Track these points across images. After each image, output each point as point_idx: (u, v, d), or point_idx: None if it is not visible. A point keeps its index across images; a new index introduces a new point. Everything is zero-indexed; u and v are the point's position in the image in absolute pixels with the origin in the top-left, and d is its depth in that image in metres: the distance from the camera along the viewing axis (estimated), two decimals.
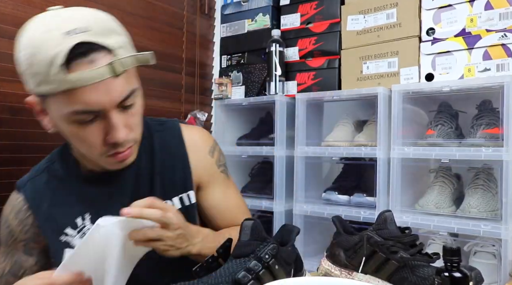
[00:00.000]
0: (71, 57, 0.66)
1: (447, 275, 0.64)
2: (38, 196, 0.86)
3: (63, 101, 0.69)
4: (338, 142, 1.48)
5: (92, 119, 0.72)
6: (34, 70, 0.68)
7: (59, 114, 0.72)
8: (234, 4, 1.86)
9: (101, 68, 0.68)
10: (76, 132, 0.73)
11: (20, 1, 1.21)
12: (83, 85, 0.67)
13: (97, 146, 0.75)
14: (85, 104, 0.69)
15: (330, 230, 0.94)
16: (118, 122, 0.73)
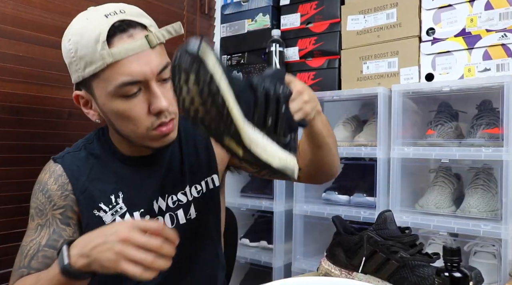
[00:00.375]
0: (113, 34, 0.77)
1: (447, 275, 0.64)
2: (76, 168, 0.89)
3: (109, 76, 0.77)
4: (338, 142, 1.48)
5: (135, 92, 0.79)
6: (81, 53, 0.78)
7: (105, 93, 0.79)
8: (234, 4, 1.86)
9: (139, 41, 0.78)
10: (122, 108, 0.80)
11: (20, 1, 1.21)
12: (125, 56, 0.76)
13: (142, 119, 0.81)
14: (129, 75, 0.77)
15: (330, 230, 0.94)
16: (159, 91, 0.80)
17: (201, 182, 0.98)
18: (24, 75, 1.22)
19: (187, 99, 0.60)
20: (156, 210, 0.92)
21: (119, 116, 0.82)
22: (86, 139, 0.95)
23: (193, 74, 0.58)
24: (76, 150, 0.92)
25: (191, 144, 0.99)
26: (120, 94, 0.79)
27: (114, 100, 0.80)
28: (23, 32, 1.22)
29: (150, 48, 0.79)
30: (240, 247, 1.33)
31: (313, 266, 1.45)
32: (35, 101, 1.24)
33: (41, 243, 0.84)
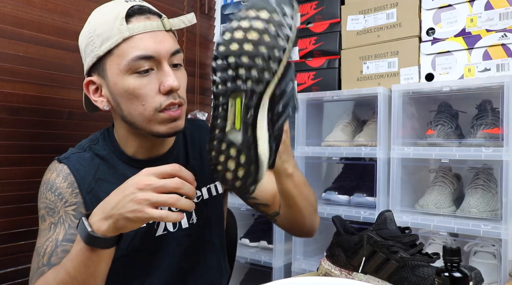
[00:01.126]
0: (131, 14, 0.82)
1: (447, 275, 0.64)
2: (82, 168, 0.88)
3: (124, 51, 0.81)
4: (338, 142, 1.48)
5: (147, 69, 0.81)
6: (99, 31, 0.82)
7: (118, 70, 0.82)
8: (234, 4, 1.86)
9: (155, 21, 0.83)
10: (133, 85, 0.81)
11: (20, 1, 1.21)
12: (141, 31, 0.81)
13: (152, 97, 0.82)
14: (144, 49, 0.80)
15: (330, 230, 0.94)
16: (171, 71, 0.83)
17: (203, 188, 0.98)
18: (24, 75, 1.22)
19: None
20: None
21: (129, 95, 0.82)
22: (90, 139, 0.95)
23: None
24: (81, 150, 0.92)
25: (196, 148, 0.99)
26: (132, 69, 0.81)
27: (126, 77, 0.81)
28: (23, 32, 1.22)
29: (165, 30, 0.84)
30: (240, 247, 1.34)
31: (313, 266, 1.45)
32: (35, 101, 1.24)
33: (58, 239, 0.82)
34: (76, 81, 1.33)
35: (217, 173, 0.66)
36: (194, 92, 1.84)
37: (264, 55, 0.60)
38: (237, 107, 0.63)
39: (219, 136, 0.64)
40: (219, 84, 0.63)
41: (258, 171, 0.65)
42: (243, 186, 0.66)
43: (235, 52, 0.61)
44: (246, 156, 0.64)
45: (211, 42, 1.94)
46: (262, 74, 0.61)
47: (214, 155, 0.66)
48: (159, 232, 0.91)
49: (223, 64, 0.62)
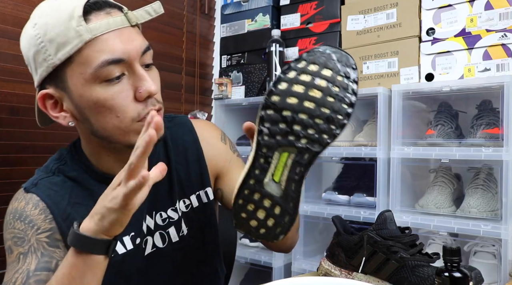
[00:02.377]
0: (88, 11, 0.68)
1: (447, 275, 0.64)
2: (54, 194, 0.77)
3: (88, 57, 0.68)
4: (338, 142, 1.48)
5: (118, 76, 0.70)
6: (51, 35, 0.68)
7: (82, 80, 0.69)
8: (234, 4, 1.86)
9: (118, 17, 0.70)
10: (103, 96, 0.69)
11: (20, 1, 1.21)
12: (105, 31, 0.68)
13: (128, 107, 0.71)
14: (111, 52, 0.68)
15: (330, 230, 0.94)
16: (145, 73, 0.71)
17: (191, 195, 0.88)
18: (24, 75, 1.22)
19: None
20: (144, 231, 0.82)
21: (100, 108, 0.70)
22: (57, 159, 0.82)
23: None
24: (49, 174, 0.80)
25: (180, 153, 0.89)
26: (101, 78, 0.69)
27: (94, 88, 0.69)
28: None
29: (131, 26, 0.71)
30: (240, 247, 1.34)
31: (313, 266, 1.45)
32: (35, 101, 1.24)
33: (29, 269, 0.71)
34: None
35: (239, 219, 0.64)
36: (194, 92, 1.84)
37: (328, 117, 0.59)
38: (282, 160, 0.61)
39: (254, 187, 0.61)
40: (265, 135, 0.59)
41: (292, 222, 0.63)
42: (270, 234, 0.64)
43: (293, 106, 0.58)
44: (282, 209, 0.62)
45: (211, 42, 1.94)
46: (321, 136, 0.59)
47: (241, 203, 0.63)
48: (147, 251, 0.83)
49: (276, 117, 0.59)
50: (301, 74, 0.59)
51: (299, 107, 0.58)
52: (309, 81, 0.59)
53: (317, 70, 0.59)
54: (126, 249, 0.80)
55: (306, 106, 0.58)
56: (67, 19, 0.67)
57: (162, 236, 0.85)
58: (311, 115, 0.58)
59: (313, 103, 0.58)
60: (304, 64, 0.60)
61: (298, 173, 0.60)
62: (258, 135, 0.60)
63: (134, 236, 0.81)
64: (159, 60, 1.62)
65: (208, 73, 1.93)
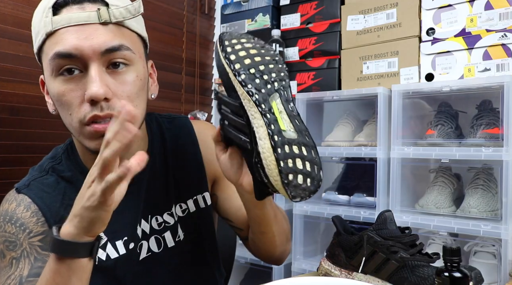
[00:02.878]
0: (64, 4, 0.68)
1: (447, 275, 0.64)
2: (47, 195, 0.75)
3: (48, 48, 0.68)
4: (338, 142, 1.48)
5: (72, 71, 0.68)
6: (33, 24, 0.71)
7: (47, 69, 0.70)
8: (234, 4, 1.86)
9: (87, 12, 0.67)
10: (58, 90, 0.68)
11: (20, 1, 1.21)
12: (65, 25, 0.67)
13: (76, 107, 0.68)
14: (62, 45, 0.66)
15: (330, 230, 0.94)
16: (97, 75, 0.67)
17: (188, 200, 0.86)
18: (24, 75, 1.22)
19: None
20: (139, 235, 0.80)
21: (60, 103, 0.69)
22: (53, 158, 0.81)
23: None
24: (43, 173, 0.78)
25: (179, 156, 0.86)
26: (55, 70, 0.68)
27: (54, 80, 0.69)
28: (23, 32, 1.22)
29: (100, 23, 0.68)
30: (240, 247, 1.33)
31: (313, 266, 1.45)
32: (35, 101, 1.24)
33: (22, 275, 0.69)
34: None
35: (290, 185, 0.61)
36: (194, 92, 1.84)
37: (273, 59, 0.71)
38: (275, 108, 0.65)
39: (282, 140, 0.62)
40: (255, 94, 0.66)
41: (318, 154, 0.66)
42: (315, 179, 0.63)
43: (252, 64, 0.69)
44: (306, 145, 0.64)
45: (211, 42, 1.94)
46: (280, 74, 0.70)
47: (283, 166, 0.61)
48: (142, 255, 0.81)
49: (249, 76, 0.67)
50: (234, 45, 0.71)
51: (254, 63, 0.69)
52: (242, 47, 0.71)
53: (238, 41, 0.73)
54: (119, 254, 0.78)
55: (257, 61, 0.69)
56: (42, 11, 0.69)
57: (157, 240, 0.83)
58: (265, 64, 0.69)
59: (259, 57, 0.70)
60: (228, 42, 0.72)
61: (292, 108, 0.67)
62: (251, 96, 0.65)
63: (127, 240, 0.79)
64: (159, 60, 1.61)
65: (208, 73, 1.93)
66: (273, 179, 0.61)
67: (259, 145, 0.62)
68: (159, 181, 0.84)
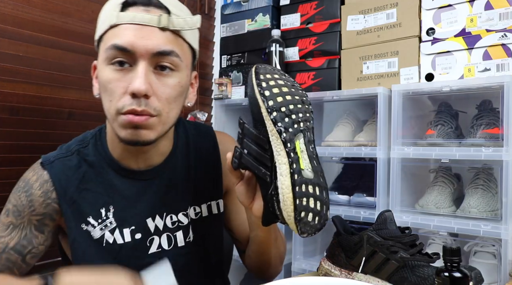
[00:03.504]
0: (132, 3, 0.75)
1: (447, 275, 0.64)
2: (65, 178, 0.81)
3: (108, 38, 0.75)
4: (338, 142, 1.48)
5: (122, 63, 0.74)
6: (101, 16, 0.78)
7: (102, 56, 0.76)
8: (234, 4, 1.86)
9: (150, 15, 0.74)
10: (106, 78, 0.75)
11: (20, 1, 1.21)
12: (128, 22, 0.74)
13: (117, 96, 0.74)
14: (121, 39, 0.73)
15: (330, 230, 0.94)
16: (143, 72, 0.73)
17: (203, 204, 0.91)
18: (24, 75, 1.22)
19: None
20: (151, 229, 0.85)
21: (103, 87, 0.76)
22: (81, 141, 0.87)
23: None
24: (68, 154, 0.84)
25: (200, 161, 0.91)
26: (108, 59, 0.74)
27: (104, 67, 0.75)
28: (23, 32, 1.22)
29: (158, 27, 0.74)
30: None
31: (313, 266, 1.45)
32: (35, 101, 1.24)
33: (8, 244, 0.79)
34: (76, 81, 1.33)
35: (302, 222, 0.66)
36: None
37: (301, 100, 0.73)
38: (298, 148, 0.69)
39: (301, 180, 0.66)
40: (284, 132, 0.69)
41: (328, 195, 0.71)
42: (322, 219, 0.68)
43: (283, 103, 0.71)
44: (320, 186, 0.68)
45: (211, 42, 1.94)
46: (306, 115, 0.72)
47: (299, 203, 0.66)
48: (152, 250, 0.85)
49: (281, 115, 0.70)
50: (268, 81, 0.73)
51: (286, 102, 0.71)
52: (275, 84, 0.73)
53: (271, 77, 0.74)
54: (124, 240, 0.83)
55: (288, 99, 0.71)
56: (112, 6, 0.76)
57: (169, 238, 0.86)
58: (294, 103, 0.71)
59: (289, 95, 0.72)
60: (263, 77, 0.74)
61: (313, 150, 0.71)
62: (279, 134, 0.69)
63: (134, 230, 0.83)
64: None
65: (208, 73, 1.93)
66: (286, 214, 0.66)
67: (279, 180, 0.66)
68: (179, 181, 0.88)
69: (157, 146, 0.84)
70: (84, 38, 1.35)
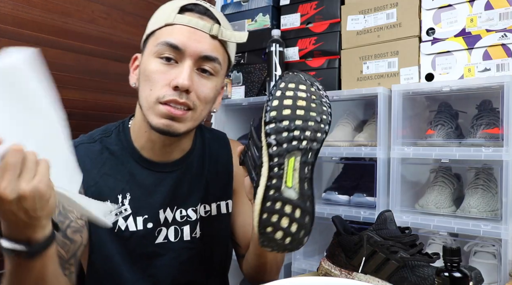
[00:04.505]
0: (189, 9, 0.84)
1: (447, 275, 0.64)
2: (88, 161, 0.85)
3: (161, 34, 0.83)
4: (338, 142, 1.48)
5: (170, 59, 0.82)
6: (157, 15, 0.87)
7: (149, 50, 0.84)
8: (234, 4, 1.86)
9: (204, 22, 0.84)
10: (152, 68, 0.82)
11: (20, 1, 1.21)
12: (183, 23, 0.82)
13: (159, 85, 0.81)
14: (174, 38, 0.81)
15: (330, 230, 0.95)
16: (188, 70, 0.81)
17: (213, 203, 0.96)
18: None
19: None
20: (161, 220, 0.89)
21: (146, 77, 0.83)
22: (103, 131, 0.92)
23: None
24: (91, 141, 0.89)
25: (213, 160, 0.98)
26: (158, 53, 0.82)
27: (151, 59, 0.83)
28: (23, 32, 1.22)
29: (209, 34, 0.83)
30: None
31: (313, 266, 1.45)
32: None
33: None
34: (76, 81, 1.33)
35: (266, 235, 0.68)
36: None
37: (316, 118, 0.71)
38: (290, 165, 0.68)
39: (274, 197, 0.67)
40: (274, 146, 0.68)
41: (312, 221, 0.70)
42: (295, 241, 0.68)
43: (289, 116, 0.69)
44: (302, 210, 0.68)
45: None
46: (316, 135, 0.70)
47: (265, 217, 0.67)
48: (159, 240, 0.89)
49: (278, 128, 0.68)
50: (286, 91, 0.71)
51: (293, 116, 0.69)
52: (293, 95, 0.71)
53: (295, 86, 0.72)
54: (137, 228, 0.86)
55: (298, 114, 0.69)
56: (170, 8, 0.84)
57: (176, 231, 0.90)
58: (304, 120, 0.69)
59: (303, 110, 0.70)
60: (284, 84, 0.72)
61: (307, 172, 0.69)
62: (268, 148, 0.68)
63: (147, 219, 0.88)
64: None
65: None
66: (254, 222, 0.68)
67: (256, 191, 0.68)
68: (194, 177, 0.94)
69: (180, 142, 0.91)
70: (84, 38, 1.35)
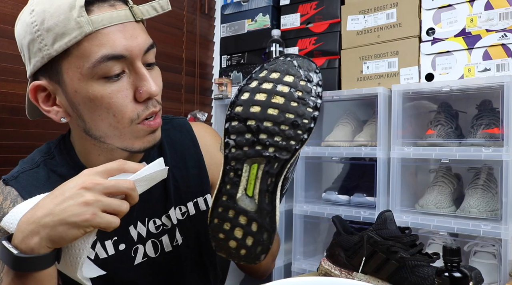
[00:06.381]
0: (91, 2, 0.64)
1: (447, 275, 0.64)
2: (35, 190, 0.70)
3: (87, 50, 0.64)
4: (338, 142, 1.48)
5: (118, 74, 0.66)
6: (49, 24, 0.64)
7: (79, 74, 0.65)
8: (234, 4, 1.86)
9: (122, 10, 0.66)
10: (101, 94, 0.65)
11: (20, 1, 1.21)
12: (108, 24, 0.64)
13: (127, 108, 0.67)
14: (112, 47, 0.64)
15: (330, 230, 0.95)
16: (147, 74, 0.68)
17: (188, 203, 0.84)
18: (24, 75, 1.22)
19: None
20: (134, 238, 0.77)
21: (96, 106, 0.66)
22: (45, 152, 0.78)
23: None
24: (34, 166, 0.75)
25: (178, 155, 0.84)
26: (99, 74, 0.65)
27: (90, 84, 0.65)
28: None
29: (135, 21, 0.67)
30: None
31: (313, 266, 1.45)
32: None
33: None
34: None
35: (217, 241, 0.61)
36: (194, 92, 1.84)
37: (293, 122, 0.57)
38: (252, 173, 0.59)
39: (227, 204, 0.59)
40: (232, 148, 0.58)
41: (271, 239, 0.61)
42: (251, 255, 0.61)
43: (257, 115, 0.57)
44: (259, 225, 0.59)
45: (211, 42, 1.94)
46: (288, 142, 0.57)
47: (217, 223, 0.60)
48: (138, 260, 0.78)
49: (241, 127, 0.57)
50: (263, 82, 0.58)
51: (263, 115, 0.56)
52: (270, 89, 0.58)
53: (278, 77, 0.58)
54: (108, 254, 0.75)
55: (269, 114, 0.56)
56: (67, 9, 0.63)
57: (154, 244, 0.80)
58: (275, 122, 0.56)
59: (277, 110, 0.56)
60: (265, 73, 0.59)
61: (270, 184, 0.58)
62: (225, 148, 0.58)
63: (117, 241, 0.76)
64: (159, 60, 1.61)
65: (208, 73, 1.93)
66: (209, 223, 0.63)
67: (214, 192, 0.62)
68: (158, 182, 0.81)
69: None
70: None
